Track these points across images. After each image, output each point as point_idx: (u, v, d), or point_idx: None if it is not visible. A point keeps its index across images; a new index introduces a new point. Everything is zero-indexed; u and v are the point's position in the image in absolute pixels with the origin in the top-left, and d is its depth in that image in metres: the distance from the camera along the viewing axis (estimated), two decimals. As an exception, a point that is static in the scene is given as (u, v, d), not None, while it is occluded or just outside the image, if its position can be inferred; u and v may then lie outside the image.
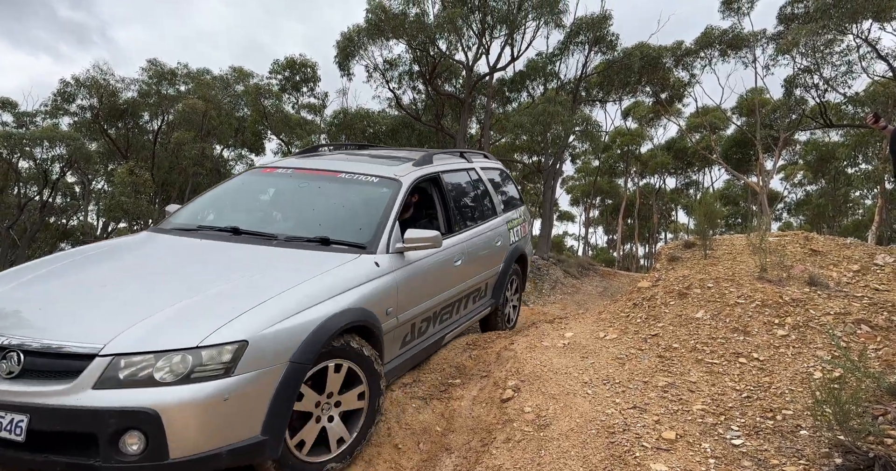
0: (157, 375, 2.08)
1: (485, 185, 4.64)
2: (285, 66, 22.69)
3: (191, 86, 24.55)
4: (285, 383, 2.27)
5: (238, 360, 2.15)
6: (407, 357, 3.37)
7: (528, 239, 5.32)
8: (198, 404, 2.07)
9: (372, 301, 2.85)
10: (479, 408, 3.19)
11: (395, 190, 3.44)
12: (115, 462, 2.03)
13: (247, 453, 2.21)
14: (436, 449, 2.98)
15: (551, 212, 22.68)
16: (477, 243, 4.17)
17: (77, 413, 2.04)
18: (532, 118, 17.61)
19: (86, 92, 22.44)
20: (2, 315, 2.37)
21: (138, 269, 2.85)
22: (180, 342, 2.12)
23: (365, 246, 3.05)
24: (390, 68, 20.78)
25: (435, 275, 3.54)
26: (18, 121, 25.78)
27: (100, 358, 2.08)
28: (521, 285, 5.16)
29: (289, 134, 25.07)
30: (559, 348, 3.66)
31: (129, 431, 2.04)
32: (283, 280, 2.59)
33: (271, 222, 3.46)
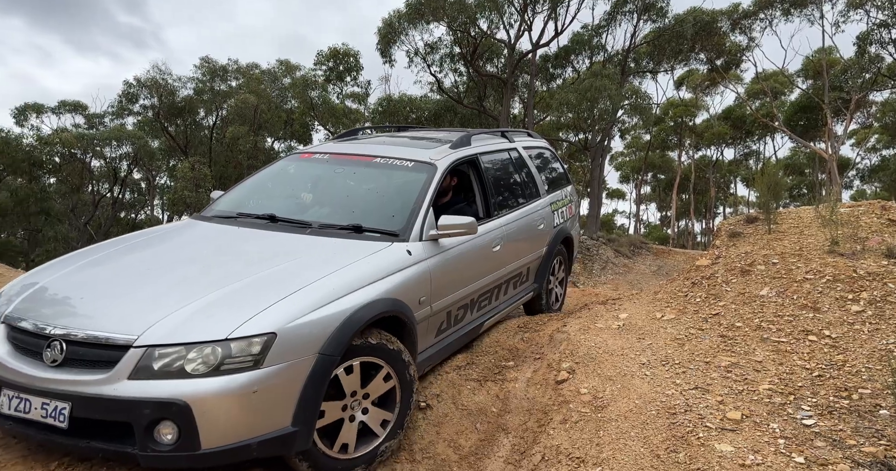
0: (189, 366, 2.10)
1: (527, 165, 4.46)
2: (329, 56, 23.00)
3: (241, 81, 25.34)
4: (314, 374, 2.25)
5: (267, 352, 2.15)
6: (444, 345, 3.30)
7: (574, 220, 5.12)
8: (227, 395, 2.08)
9: (403, 291, 2.78)
10: (534, 389, 3.19)
11: (430, 175, 3.34)
12: (150, 451, 2.07)
13: (277, 445, 2.20)
14: (492, 429, 3.02)
15: (600, 190, 22.10)
16: (517, 228, 4.01)
17: (114, 403, 2.08)
18: (578, 94, 17.11)
19: (147, 92, 23.62)
20: (47, 304, 2.45)
21: (176, 258, 2.89)
22: (210, 334, 2.14)
23: (397, 234, 2.99)
24: (431, 52, 20.67)
25: (471, 262, 3.43)
26: (89, 122, 27.44)
27: (134, 349, 2.12)
28: (567, 267, 5.01)
29: (335, 124, 25.52)
30: (614, 330, 3.60)
31: (162, 421, 2.07)
32: (314, 270, 2.58)
33: (307, 209, 3.44)
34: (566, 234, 4.76)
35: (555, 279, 4.80)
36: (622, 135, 31.52)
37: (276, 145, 29.00)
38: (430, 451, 2.88)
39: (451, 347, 3.40)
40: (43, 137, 23.92)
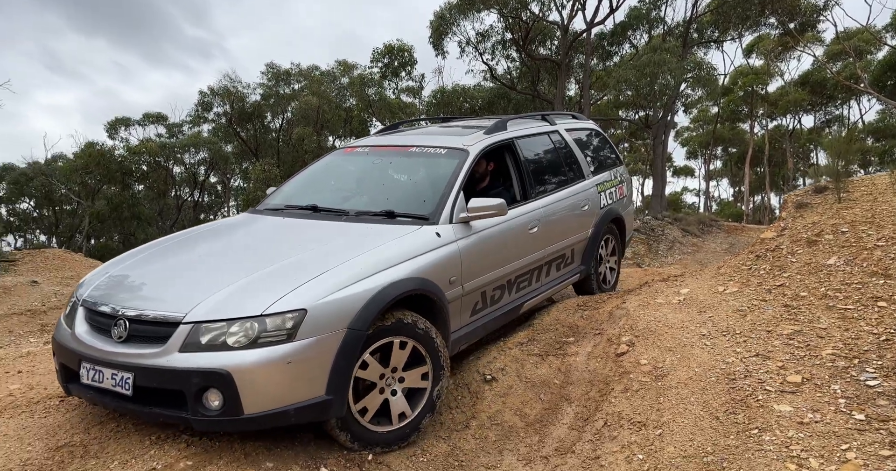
0: (230, 340, 2.31)
1: (569, 147, 4.48)
2: (384, 52, 23.48)
3: (304, 83, 26.39)
4: (344, 347, 2.41)
5: (298, 326, 2.32)
6: (479, 324, 3.38)
7: (626, 201, 5.07)
8: (264, 366, 2.27)
9: (432, 271, 2.90)
10: (595, 362, 3.33)
11: (462, 160, 3.45)
12: (200, 416, 2.29)
13: (313, 411, 2.38)
14: (556, 399, 3.20)
15: (664, 168, 21.31)
16: (557, 209, 4.04)
17: (168, 373, 2.30)
18: (636, 71, 16.56)
19: (220, 100, 25.15)
20: (115, 289, 2.74)
21: (226, 247, 3.17)
22: (248, 311, 2.34)
23: (427, 217, 3.12)
24: (483, 40, 20.62)
25: (505, 243, 3.50)
26: (170, 131, 29.56)
27: (183, 325, 2.34)
28: (619, 247, 5.00)
29: (391, 118, 26.09)
30: (674, 304, 3.65)
31: (209, 389, 2.27)
32: (345, 253, 2.76)
33: (346, 199, 3.62)
34: (615, 214, 4.73)
35: (605, 260, 4.77)
36: (686, 109, 30.08)
37: (336, 143, 30.07)
38: (498, 419, 3.11)
39: (488, 327, 3.49)
40: (131, 148, 26.09)
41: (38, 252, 9.82)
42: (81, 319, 2.67)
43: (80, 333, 2.60)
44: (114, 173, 24.73)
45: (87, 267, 9.41)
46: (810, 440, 2.09)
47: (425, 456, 2.84)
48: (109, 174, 24.64)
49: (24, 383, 3.29)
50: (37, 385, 3.25)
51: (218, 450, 2.46)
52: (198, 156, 27.88)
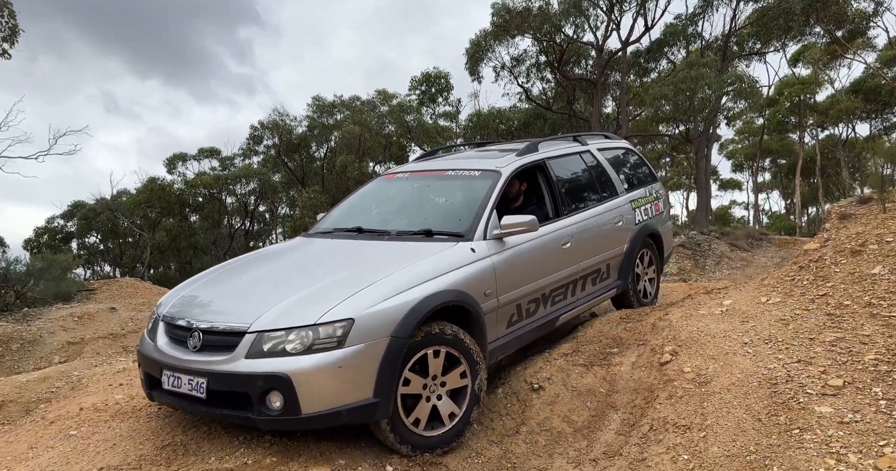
0: (288, 346, 2.56)
1: (602, 166, 4.65)
2: (422, 80, 24.32)
3: (346, 113, 27.54)
4: (389, 353, 2.64)
5: (347, 334, 2.57)
6: (515, 336, 3.55)
7: (663, 217, 5.20)
8: (318, 369, 2.51)
9: (468, 284, 3.11)
10: (639, 371, 3.46)
11: (494, 181, 3.67)
12: (264, 416, 2.53)
13: (362, 412, 2.59)
14: (602, 407, 3.34)
15: (708, 182, 20.90)
16: (591, 225, 4.20)
17: (236, 377, 2.57)
18: (674, 87, 16.54)
19: (269, 133, 26.54)
20: (189, 306, 3.06)
21: (283, 266, 3.45)
22: (302, 321, 2.60)
23: (463, 234, 3.34)
24: (517, 64, 21.08)
25: (539, 258, 3.67)
26: (222, 164, 31.27)
27: (248, 334, 2.61)
28: (658, 263, 5.08)
29: (429, 143, 26.75)
30: (716, 315, 3.74)
31: (272, 391, 2.51)
32: (387, 269, 2.99)
33: (388, 221, 3.89)
34: (651, 230, 4.85)
35: (643, 274, 4.84)
36: (729, 122, 29.46)
37: (377, 169, 31.00)
38: (547, 425, 3.27)
39: (524, 339, 3.66)
40: (188, 181, 27.73)
41: (113, 281, 10.66)
42: (162, 333, 2.98)
43: (161, 345, 2.92)
44: (172, 206, 26.32)
45: (157, 294, 10.14)
46: (849, 438, 2.17)
47: (480, 458, 3.05)
48: (169, 207, 26.22)
49: (126, 394, 3.70)
50: (137, 395, 3.65)
51: (297, 449, 2.75)
52: (248, 186, 29.29)
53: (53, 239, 29.46)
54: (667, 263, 5.67)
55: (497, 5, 17.96)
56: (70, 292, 8.68)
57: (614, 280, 4.54)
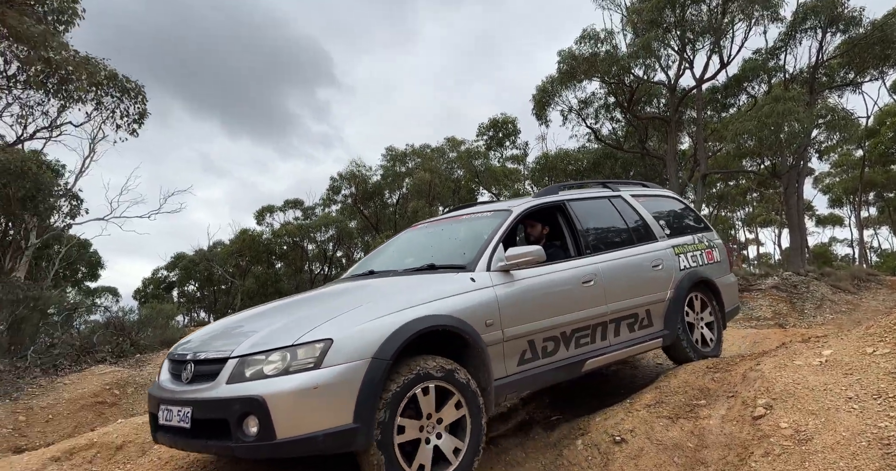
0: (266, 369, 2.52)
1: (636, 210, 4.58)
2: (489, 126, 25.04)
3: (417, 161, 28.74)
4: (369, 376, 2.53)
5: (325, 354, 2.50)
6: (529, 375, 3.36)
7: (720, 266, 4.94)
8: (293, 392, 2.43)
9: (465, 311, 3.02)
10: (730, 425, 3.27)
11: (504, 218, 3.70)
12: (241, 442, 2.45)
13: (342, 439, 2.46)
14: (691, 463, 3.17)
15: (801, 219, 19.45)
16: (619, 266, 4.05)
17: (216, 402, 2.54)
18: (757, 122, 15.87)
19: (346, 183, 28.16)
20: (192, 343, 3.10)
21: (286, 305, 3.46)
22: (282, 342, 2.57)
23: (464, 266, 3.33)
24: (585, 106, 21.22)
25: (554, 293, 3.56)
26: (304, 214, 33.37)
27: (230, 360, 2.61)
28: (719, 312, 4.78)
29: (497, 186, 27.11)
30: (814, 366, 3.49)
31: (248, 415, 2.44)
32: (379, 296, 3.03)
33: (400, 262, 3.98)
34: (701, 277, 4.59)
35: (697, 322, 4.57)
36: (821, 156, 27.55)
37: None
38: (631, 481, 3.15)
39: (540, 380, 3.48)
40: (275, 231, 29.74)
41: (210, 324, 11.43)
42: (165, 370, 3.06)
43: (161, 381, 2.99)
44: (261, 254, 28.23)
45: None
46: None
47: None
48: (258, 255, 28.16)
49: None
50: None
51: None
52: (327, 234, 30.95)
53: (158, 288, 32.35)
54: (731, 318, 5.20)
55: (563, 52, 18.37)
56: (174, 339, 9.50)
57: (659, 329, 4.26)
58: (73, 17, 9.81)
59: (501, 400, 3.31)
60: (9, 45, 8.67)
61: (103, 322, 9.66)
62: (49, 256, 17.99)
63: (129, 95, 10.83)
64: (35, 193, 10.79)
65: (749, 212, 39.72)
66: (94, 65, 10.00)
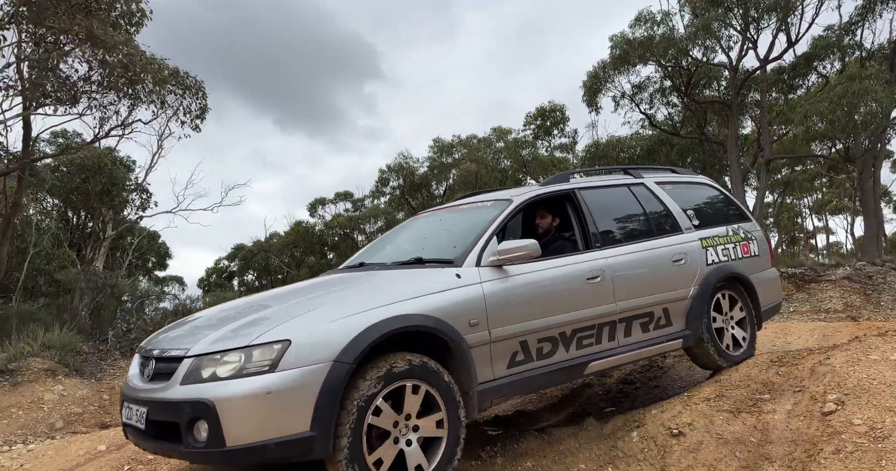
0: (220, 371, 2.33)
1: (659, 200, 4.20)
2: (536, 115, 24.65)
3: (463, 152, 28.71)
4: (330, 380, 2.33)
5: (281, 357, 2.30)
6: (521, 378, 3.10)
7: (757, 260, 4.50)
8: (244, 396, 2.24)
9: (444, 310, 2.78)
10: (797, 421, 3.14)
11: (502, 209, 3.43)
12: (191, 448, 2.30)
13: (295, 447, 2.28)
14: (754, 458, 3.07)
15: (877, 205, 18.11)
16: (632, 261, 3.70)
17: (168, 405, 2.39)
18: (829, 103, 14.82)
19: (394, 175, 28.54)
20: (160, 337, 2.92)
21: (266, 298, 3.27)
22: (238, 343, 2.38)
23: (452, 261, 3.08)
24: (639, 92, 20.49)
25: (552, 290, 3.27)
26: (354, 206, 34.06)
27: (185, 359, 2.43)
28: (750, 310, 4.33)
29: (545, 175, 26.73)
30: (892, 361, 3.29)
31: (199, 420, 2.28)
32: (352, 292, 2.83)
33: (392, 254, 3.76)
34: (731, 273, 4.16)
35: (726, 324, 4.18)
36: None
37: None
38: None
39: (534, 383, 3.21)
40: (327, 223, 30.59)
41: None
42: (134, 365, 2.87)
43: (129, 377, 2.83)
44: (314, 245, 29.13)
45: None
46: None
47: None
48: (311, 246, 29.06)
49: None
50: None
51: None
52: (376, 225, 31.47)
53: (220, 277, 34.00)
54: (769, 318, 4.68)
55: (616, 37, 17.78)
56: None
57: (679, 329, 3.88)
58: (142, 19, 10.43)
59: (487, 405, 2.98)
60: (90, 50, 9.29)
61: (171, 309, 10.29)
62: (123, 247, 19.31)
63: (191, 92, 11.42)
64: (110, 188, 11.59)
65: (818, 198, 37.34)
66: (158, 63, 10.60)
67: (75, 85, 9.80)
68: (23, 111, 10.00)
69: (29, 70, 9.52)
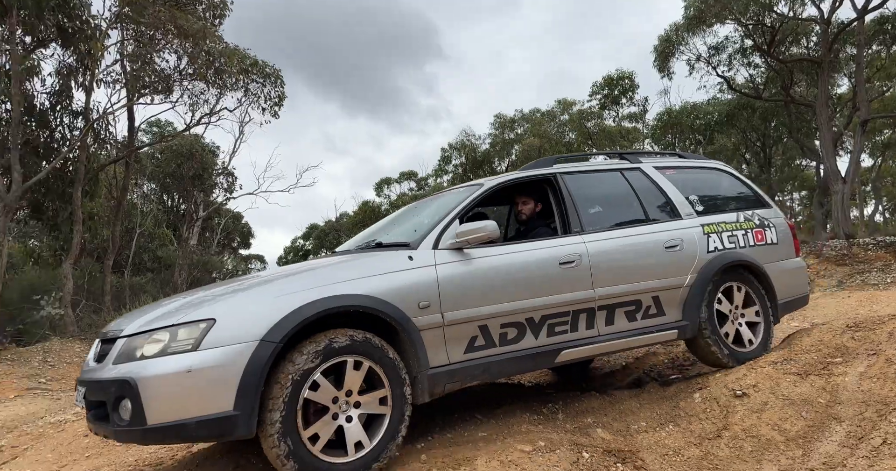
0: (146, 350, 2.37)
1: (657, 186, 4.02)
2: (603, 85, 23.79)
3: (526, 127, 28.31)
4: (255, 360, 2.33)
5: (204, 336, 2.32)
6: (480, 363, 3.00)
7: (773, 247, 4.20)
8: (164, 375, 2.27)
9: (389, 291, 2.74)
10: (869, 383, 3.12)
11: (470, 193, 3.41)
12: (116, 427, 2.33)
13: (216, 426, 2.28)
14: (822, 418, 3.09)
15: None
16: (616, 247, 3.56)
17: (97, 384, 2.43)
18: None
19: (457, 153, 28.73)
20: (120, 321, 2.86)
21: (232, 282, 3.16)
22: (166, 322, 2.41)
23: (408, 244, 3.06)
24: (716, 53, 19.28)
25: (518, 275, 3.17)
26: (418, 185, 34.66)
27: (119, 339, 2.48)
28: (764, 303, 4.03)
29: (612, 147, 25.88)
30: (982, 324, 3.16)
31: (123, 399, 2.30)
32: (299, 274, 2.78)
33: (366, 240, 3.74)
34: (734, 260, 3.89)
35: (732, 314, 3.92)
36: None
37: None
38: (753, 432, 3.17)
39: (496, 370, 3.07)
40: (392, 202, 31.45)
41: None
42: (93, 348, 2.85)
43: (87, 360, 2.82)
44: (377, 224, 30.13)
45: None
46: None
47: (677, 457, 3.08)
48: (374, 225, 30.10)
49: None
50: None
51: (507, 427, 3.13)
52: (439, 201, 31.82)
53: (297, 256, 35.99)
54: (791, 311, 4.35)
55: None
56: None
57: (674, 319, 3.67)
58: (224, 10, 11.22)
59: (440, 390, 2.89)
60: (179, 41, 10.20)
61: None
62: (212, 227, 21.03)
63: (270, 80, 12.20)
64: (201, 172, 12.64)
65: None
66: (241, 54, 11.40)
67: (169, 76, 10.83)
68: (127, 102, 11.14)
69: (130, 64, 10.61)
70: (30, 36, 9.60)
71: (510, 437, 3.08)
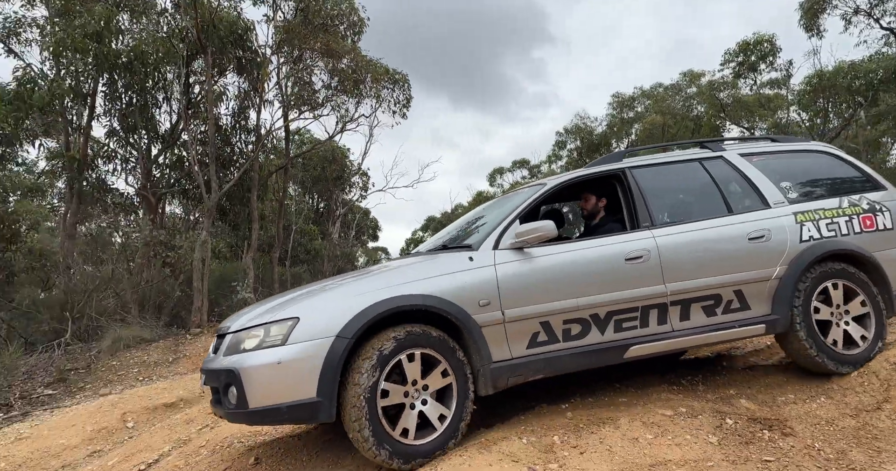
0: (247, 344, 2.77)
1: (741, 174, 3.84)
2: (738, 51, 21.82)
3: (647, 104, 26.92)
4: (332, 353, 2.66)
5: (291, 332, 2.69)
6: (543, 359, 3.09)
7: (887, 234, 3.84)
8: (260, 365, 2.65)
9: (450, 291, 2.94)
10: None
11: (533, 193, 3.48)
12: (227, 409, 2.76)
13: (304, 411, 2.62)
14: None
15: None
16: (689, 240, 3.45)
17: (213, 372, 2.86)
18: None
19: (571, 137, 28.25)
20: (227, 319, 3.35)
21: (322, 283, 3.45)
22: (261, 320, 2.81)
23: (470, 245, 3.24)
24: (880, 3, 16.86)
25: (579, 271, 3.21)
26: (530, 172, 34.53)
27: (227, 335, 2.92)
28: (876, 299, 3.67)
29: (750, 118, 23.68)
30: None
31: (231, 385, 2.71)
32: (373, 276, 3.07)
33: (438, 241, 3.95)
34: (833, 249, 3.61)
35: (835, 313, 3.62)
36: None
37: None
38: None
39: (560, 365, 3.13)
40: (505, 191, 31.73)
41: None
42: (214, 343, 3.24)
43: (209, 352, 3.23)
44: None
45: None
46: None
47: (831, 427, 3.12)
48: (500, 215, 30.60)
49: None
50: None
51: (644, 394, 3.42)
52: (554, 190, 31.38)
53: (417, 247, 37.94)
54: None
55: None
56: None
57: (762, 313, 3.49)
58: (363, 27, 12.54)
59: (503, 384, 3.02)
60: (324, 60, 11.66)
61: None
62: (347, 223, 23.13)
63: (399, 85, 13.36)
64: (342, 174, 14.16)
65: None
66: (375, 65, 12.65)
67: (317, 92, 12.42)
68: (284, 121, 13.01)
69: (290, 85, 12.37)
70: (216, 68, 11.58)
71: (650, 403, 3.28)
